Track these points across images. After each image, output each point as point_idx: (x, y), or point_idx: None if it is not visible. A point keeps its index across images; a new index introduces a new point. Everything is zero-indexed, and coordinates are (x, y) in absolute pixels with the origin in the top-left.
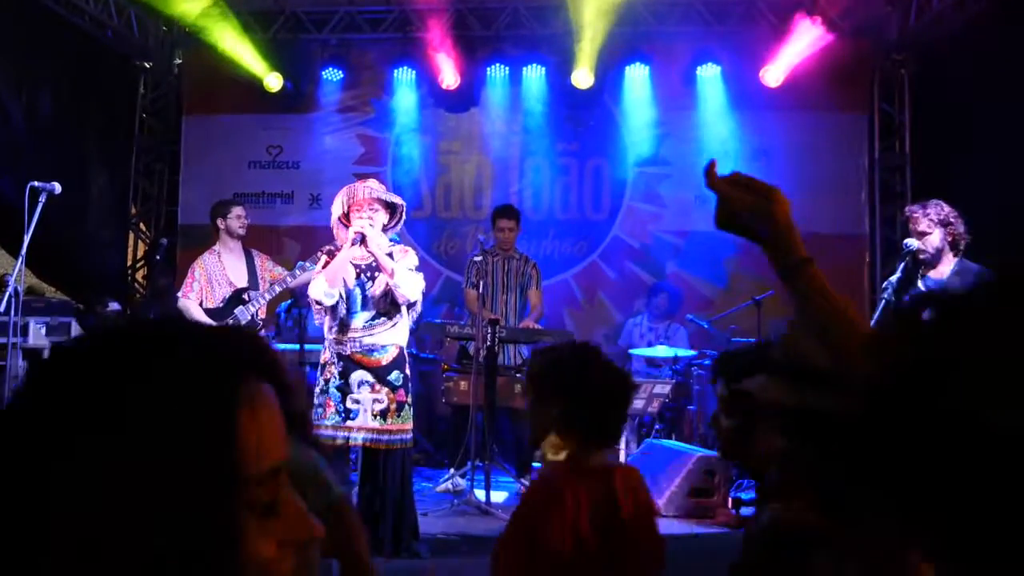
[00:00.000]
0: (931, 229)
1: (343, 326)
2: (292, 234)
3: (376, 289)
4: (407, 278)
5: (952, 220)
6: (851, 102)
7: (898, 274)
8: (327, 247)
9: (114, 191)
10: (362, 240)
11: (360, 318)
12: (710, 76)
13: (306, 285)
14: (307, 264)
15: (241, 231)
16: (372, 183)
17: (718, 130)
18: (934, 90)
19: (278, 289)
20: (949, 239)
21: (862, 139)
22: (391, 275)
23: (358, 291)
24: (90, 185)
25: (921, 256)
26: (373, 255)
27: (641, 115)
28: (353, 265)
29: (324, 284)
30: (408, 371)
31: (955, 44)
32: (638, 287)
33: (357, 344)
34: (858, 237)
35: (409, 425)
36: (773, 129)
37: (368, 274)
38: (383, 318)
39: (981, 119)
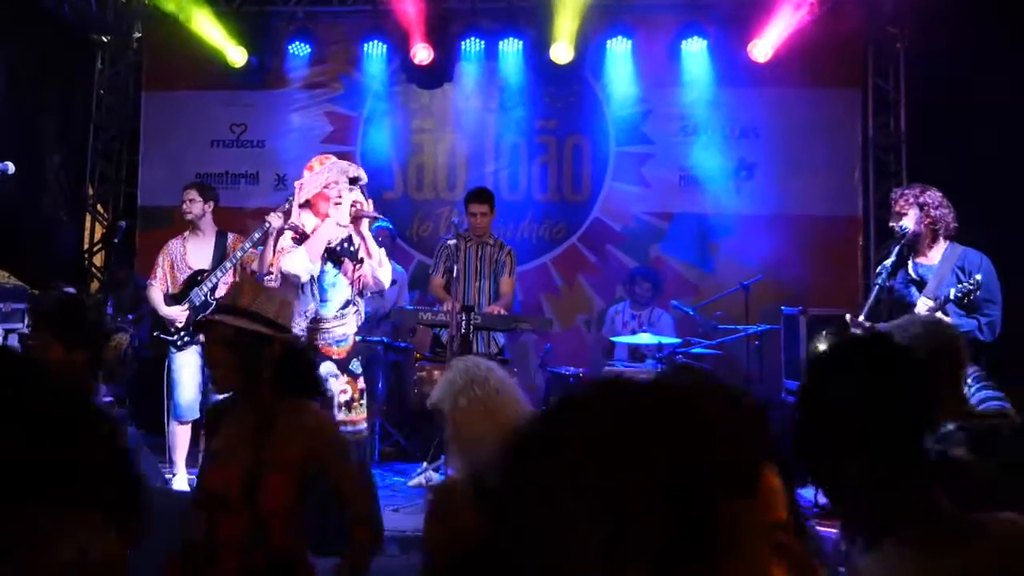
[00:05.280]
0: (905, 210)
1: (316, 316)
2: (257, 216)
3: (367, 274)
4: (387, 263)
5: (929, 202)
6: (843, 77)
7: (892, 258)
8: (287, 224)
9: (70, 171)
10: (353, 217)
11: (332, 307)
12: (695, 51)
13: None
14: (256, 235)
15: (186, 215)
16: (333, 159)
17: (704, 107)
18: (931, 64)
19: (229, 267)
20: (926, 221)
21: (855, 116)
22: (380, 263)
23: (335, 277)
24: (45, 165)
25: (898, 235)
26: (362, 236)
27: (623, 91)
28: (326, 249)
29: (306, 259)
30: (360, 358)
31: (953, 15)
32: (620, 272)
33: (329, 336)
34: (851, 219)
35: (366, 414)
36: (762, 106)
37: (351, 259)
38: (351, 305)
39: (980, 95)
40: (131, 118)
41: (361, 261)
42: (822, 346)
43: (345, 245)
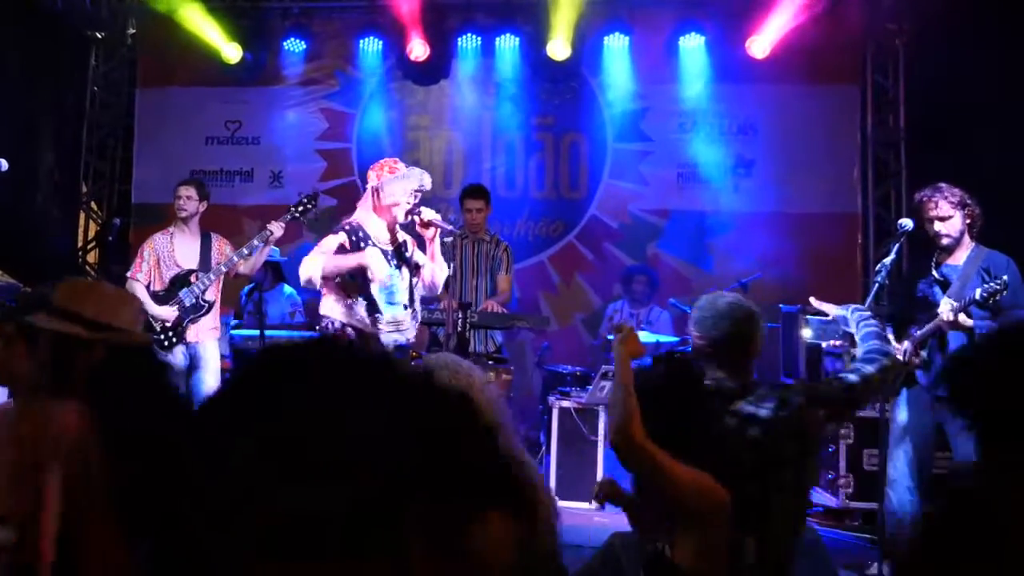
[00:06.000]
0: (952, 212)
1: (375, 317)
2: (252, 214)
3: (426, 278)
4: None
5: (969, 201)
6: (842, 74)
7: (892, 256)
8: (346, 223)
9: (64, 169)
10: (427, 224)
11: (393, 310)
12: (693, 47)
13: (261, 269)
14: (255, 242)
15: (179, 212)
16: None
17: (701, 104)
18: (931, 61)
19: (223, 269)
20: (968, 221)
21: (854, 113)
22: (442, 268)
23: (397, 280)
24: (39, 162)
25: (944, 242)
26: (431, 241)
27: (621, 88)
28: (384, 251)
29: (317, 269)
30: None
31: (953, 11)
32: (617, 269)
33: (393, 336)
34: (850, 216)
35: None
36: (760, 103)
37: (407, 265)
38: (407, 309)
39: (980, 92)
40: (125, 115)
41: (417, 268)
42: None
43: (402, 250)
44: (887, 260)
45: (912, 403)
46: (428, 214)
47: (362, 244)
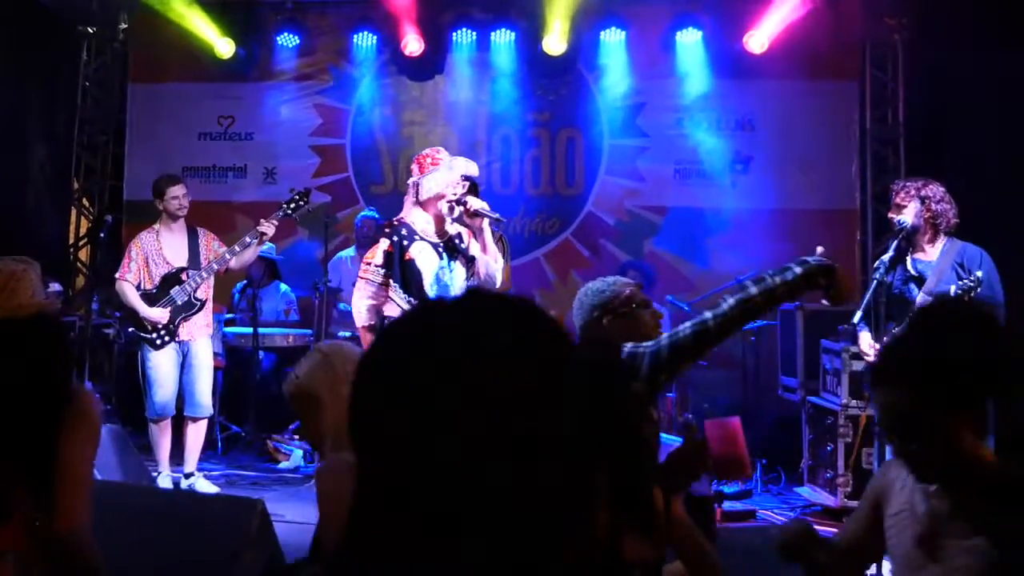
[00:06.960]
0: (905, 203)
1: None
2: (246, 210)
3: (480, 270)
4: (501, 260)
5: (930, 196)
6: (841, 69)
7: (890, 253)
8: (387, 226)
9: (55, 165)
10: (474, 213)
11: None
12: (690, 42)
13: (252, 264)
14: (247, 240)
15: (179, 212)
16: (446, 154)
17: (699, 100)
18: (930, 57)
19: (216, 267)
20: (926, 215)
21: (852, 109)
22: (496, 259)
23: (450, 275)
24: (29, 158)
25: (896, 229)
26: (481, 231)
27: (617, 83)
28: (434, 245)
29: (365, 303)
30: None
31: (952, 7)
32: (613, 267)
33: None
34: (848, 213)
35: None
36: (758, 98)
37: (463, 257)
38: None
39: (980, 88)
40: (117, 111)
41: (471, 260)
42: None
43: (456, 242)
44: (885, 257)
45: None
46: (475, 203)
47: (406, 242)
